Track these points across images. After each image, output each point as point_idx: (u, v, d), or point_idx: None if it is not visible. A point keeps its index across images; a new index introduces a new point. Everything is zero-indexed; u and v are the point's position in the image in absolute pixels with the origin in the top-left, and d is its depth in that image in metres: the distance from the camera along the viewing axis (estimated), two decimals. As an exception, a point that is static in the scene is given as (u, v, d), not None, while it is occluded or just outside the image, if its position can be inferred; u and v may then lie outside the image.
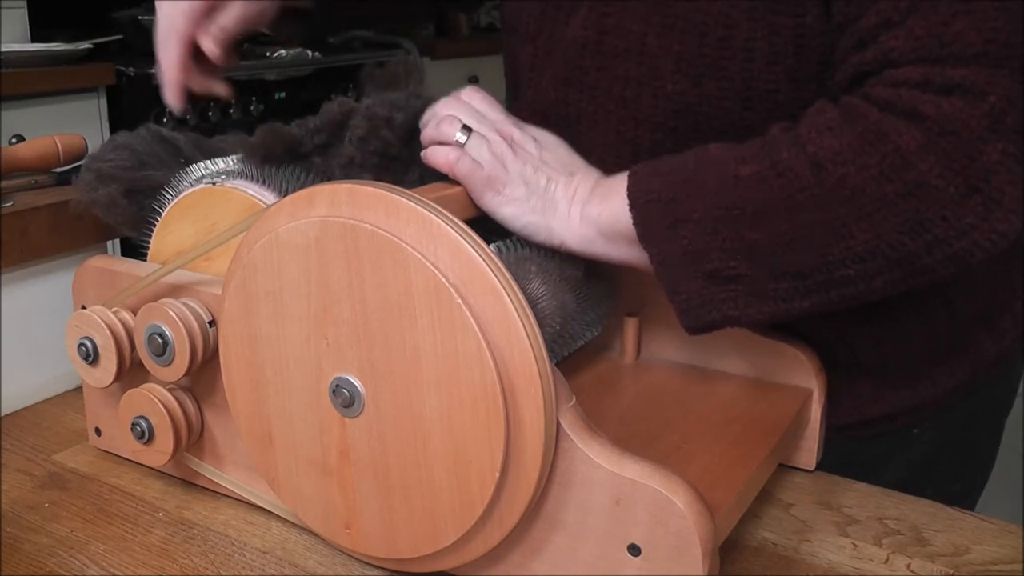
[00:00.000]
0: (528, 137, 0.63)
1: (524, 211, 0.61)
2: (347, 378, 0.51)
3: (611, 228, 0.59)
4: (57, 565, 0.58)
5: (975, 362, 0.72)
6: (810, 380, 0.67)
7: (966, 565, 0.58)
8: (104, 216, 0.70)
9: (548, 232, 0.61)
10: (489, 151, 0.61)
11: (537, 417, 0.48)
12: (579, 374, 0.71)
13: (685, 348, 0.72)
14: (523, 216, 0.61)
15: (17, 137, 0.83)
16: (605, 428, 0.51)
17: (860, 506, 0.64)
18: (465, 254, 0.47)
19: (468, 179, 0.61)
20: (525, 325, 0.47)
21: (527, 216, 0.61)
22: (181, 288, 0.61)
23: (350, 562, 0.58)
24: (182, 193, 0.64)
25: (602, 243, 0.60)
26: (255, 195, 0.61)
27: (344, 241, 0.50)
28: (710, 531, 0.47)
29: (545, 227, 0.61)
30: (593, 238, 0.60)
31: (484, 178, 0.61)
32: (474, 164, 0.61)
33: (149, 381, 0.63)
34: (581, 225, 0.60)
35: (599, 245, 0.60)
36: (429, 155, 0.62)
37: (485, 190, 0.61)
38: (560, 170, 0.62)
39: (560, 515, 0.51)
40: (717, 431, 0.62)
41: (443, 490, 0.50)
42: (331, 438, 0.53)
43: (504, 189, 0.61)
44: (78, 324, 0.63)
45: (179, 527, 0.62)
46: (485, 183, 0.61)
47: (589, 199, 0.60)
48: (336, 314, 0.51)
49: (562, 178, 0.62)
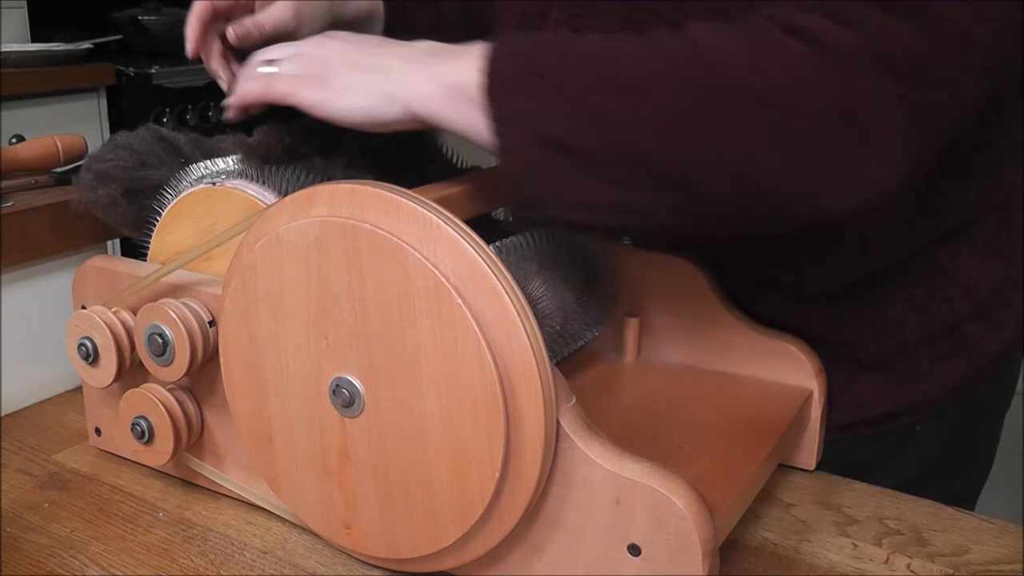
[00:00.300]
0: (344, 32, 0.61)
1: (361, 95, 0.56)
2: (347, 378, 0.51)
3: (455, 85, 0.54)
4: (57, 565, 0.58)
5: (976, 359, 0.72)
6: (810, 380, 0.67)
7: (966, 565, 0.58)
8: (104, 216, 0.70)
9: (391, 101, 0.56)
10: (303, 60, 0.58)
11: (537, 417, 0.48)
12: (579, 374, 0.71)
13: (685, 348, 0.72)
14: (363, 100, 0.56)
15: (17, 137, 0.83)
16: (605, 428, 0.51)
17: (860, 506, 0.64)
18: (465, 254, 0.47)
19: (290, 92, 0.58)
20: (525, 325, 0.47)
21: (366, 99, 0.56)
22: (181, 288, 0.61)
23: (350, 562, 0.58)
24: (182, 193, 0.64)
25: (445, 103, 0.55)
26: (255, 195, 0.61)
27: (344, 241, 0.50)
28: (710, 531, 0.47)
29: (388, 97, 0.56)
30: (436, 96, 0.55)
31: (306, 83, 0.57)
32: (290, 76, 0.58)
33: (149, 381, 0.63)
34: (423, 82, 0.55)
35: (442, 105, 0.55)
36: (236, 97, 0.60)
37: (313, 94, 0.57)
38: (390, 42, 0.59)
39: (560, 515, 0.51)
40: (717, 431, 0.62)
41: (443, 490, 0.50)
42: (331, 438, 0.53)
43: (332, 83, 0.57)
44: (78, 324, 0.63)
45: (179, 527, 0.62)
46: (309, 86, 0.57)
47: (435, 59, 0.56)
48: (336, 314, 0.51)
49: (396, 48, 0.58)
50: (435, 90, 0.55)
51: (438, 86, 0.55)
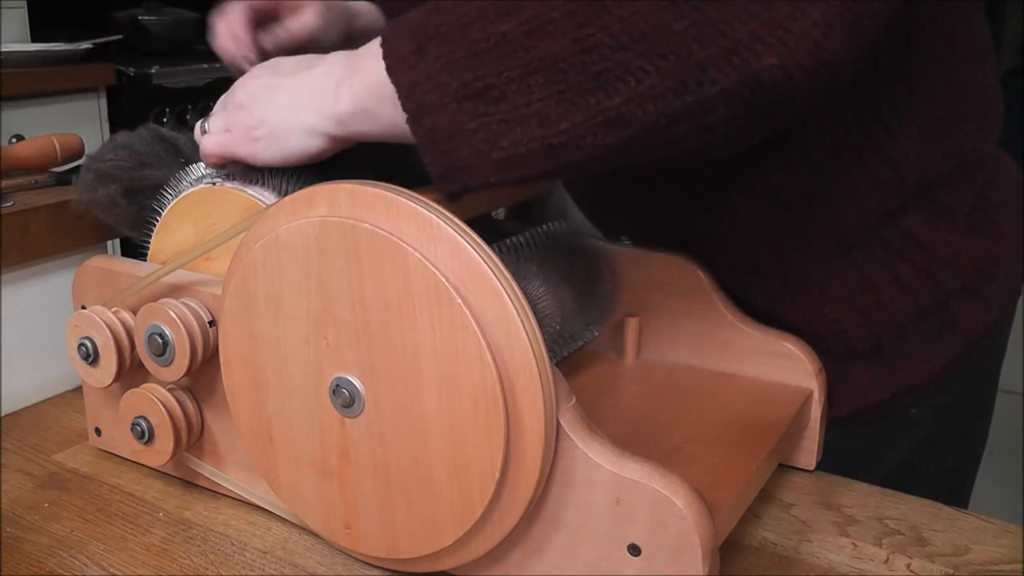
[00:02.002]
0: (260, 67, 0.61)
1: (284, 139, 0.57)
2: (347, 378, 0.51)
3: (366, 91, 0.53)
4: (57, 565, 0.58)
5: (965, 335, 0.73)
6: (810, 380, 0.67)
7: (966, 565, 0.58)
8: (104, 216, 0.70)
9: (312, 135, 0.56)
10: (227, 114, 0.59)
11: (537, 417, 0.48)
12: (579, 374, 0.71)
13: (685, 348, 0.72)
14: (286, 144, 0.57)
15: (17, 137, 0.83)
16: (605, 428, 0.51)
17: (860, 506, 0.64)
18: (465, 254, 0.47)
19: (223, 153, 0.59)
20: (525, 325, 0.47)
21: (289, 141, 0.57)
22: (181, 288, 0.61)
23: (350, 562, 0.58)
24: (182, 193, 0.64)
25: (363, 114, 0.54)
26: (255, 195, 0.61)
27: (344, 241, 0.50)
28: (710, 531, 0.47)
29: (308, 132, 0.56)
30: (352, 111, 0.54)
31: (234, 139, 0.58)
32: (218, 137, 0.59)
33: (149, 381, 0.63)
34: (333, 105, 0.55)
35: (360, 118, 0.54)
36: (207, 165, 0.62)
37: (243, 148, 0.58)
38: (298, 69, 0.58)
39: (560, 515, 0.51)
40: (717, 431, 0.62)
41: (443, 490, 0.50)
42: (331, 438, 0.53)
43: (255, 132, 0.58)
44: (78, 324, 0.63)
45: (179, 527, 0.62)
46: (238, 142, 0.58)
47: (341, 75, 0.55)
48: (336, 314, 0.51)
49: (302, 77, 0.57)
50: (348, 107, 0.54)
51: (350, 102, 0.54)
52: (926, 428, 0.75)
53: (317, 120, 0.56)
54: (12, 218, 0.75)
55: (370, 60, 0.53)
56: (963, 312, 0.72)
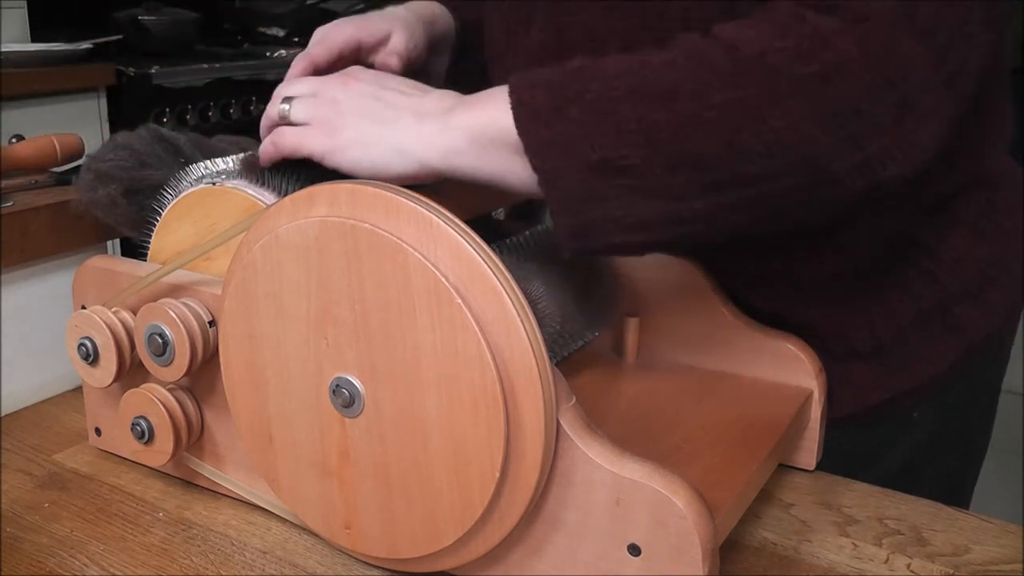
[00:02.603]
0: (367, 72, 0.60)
1: (370, 148, 0.55)
2: (347, 378, 0.51)
3: (484, 133, 0.53)
4: (57, 565, 0.58)
5: (967, 339, 0.73)
6: (810, 380, 0.67)
7: (966, 565, 0.58)
8: (104, 216, 0.70)
9: (402, 156, 0.55)
10: (313, 106, 0.57)
11: (537, 417, 0.48)
12: (579, 374, 0.71)
13: (685, 348, 0.72)
14: (371, 154, 0.55)
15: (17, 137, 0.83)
16: (605, 428, 0.51)
17: (860, 506, 0.64)
18: (465, 254, 0.47)
19: (299, 147, 0.57)
20: (525, 325, 0.47)
21: (374, 153, 0.55)
22: (181, 288, 0.61)
23: (350, 562, 0.58)
24: (182, 193, 0.64)
25: (472, 153, 0.54)
26: (255, 195, 0.61)
27: (344, 241, 0.50)
28: (710, 531, 0.47)
29: (398, 151, 0.55)
30: (460, 147, 0.54)
31: (315, 132, 0.56)
32: (298, 130, 0.57)
33: (149, 381, 0.63)
34: (440, 135, 0.54)
35: (468, 156, 0.54)
36: (262, 156, 0.60)
37: (321, 143, 0.56)
38: (408, 91, 0.57)
39: (560, 515, 0.51)
40: (717, 431, 0.62)
41: (443, 490, 0.50)
42: (331, 438, 0.53)
43: (341, 133, 0.56)
44: (78, 324, 0.63)
45: (179, 527, 0.62)
46: (318, 136, 0.56)
47: (455, 109, 0.55)
48: (336, 314, 0.51)
49: (411, 99, 0.56)
50: (458, 142, 0.54)
51: (462, 137, 0.54)
52: (927, 429, 0.75)
53: (416, 145, 0.54)
54: (12, 218, 0.75)
55: (492, 105, 0.53)
56: (965, 315, 0.72)
